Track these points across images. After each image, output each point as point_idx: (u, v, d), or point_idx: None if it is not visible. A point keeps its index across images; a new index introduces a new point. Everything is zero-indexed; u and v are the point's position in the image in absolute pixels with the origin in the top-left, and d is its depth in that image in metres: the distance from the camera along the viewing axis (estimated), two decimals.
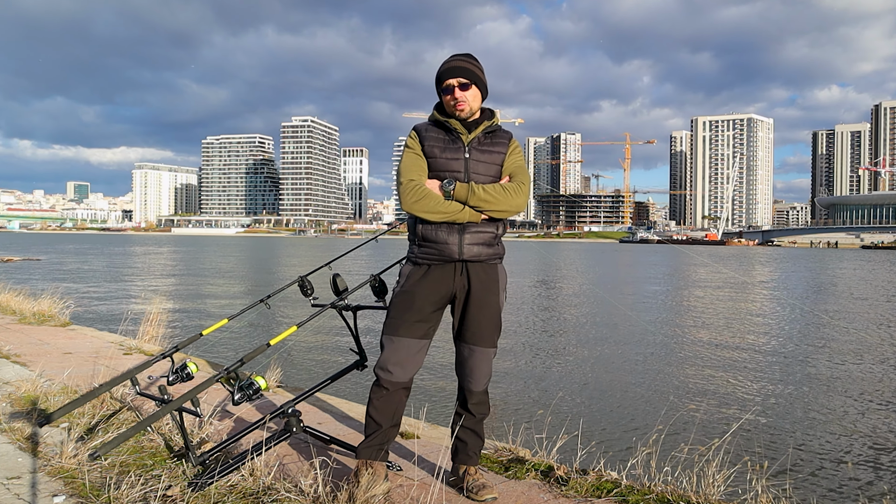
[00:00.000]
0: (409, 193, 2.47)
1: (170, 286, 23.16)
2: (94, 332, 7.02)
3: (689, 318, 16.83)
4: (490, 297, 2.57)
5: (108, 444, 2.53)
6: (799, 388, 8.73)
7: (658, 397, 7.95)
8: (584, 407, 7.41)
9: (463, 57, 2.56)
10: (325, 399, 4.29)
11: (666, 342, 12.49)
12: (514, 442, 3.24)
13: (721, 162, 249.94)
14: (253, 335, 11.68)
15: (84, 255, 48.34)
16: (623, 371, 9.61)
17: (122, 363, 5.12)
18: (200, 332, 3.59)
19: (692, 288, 27.05)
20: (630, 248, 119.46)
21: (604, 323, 15.27)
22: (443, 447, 2.91)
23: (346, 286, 3.03)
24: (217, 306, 17.19)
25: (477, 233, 2.52)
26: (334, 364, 9.13)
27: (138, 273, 30.07)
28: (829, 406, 7.81)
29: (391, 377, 2.52)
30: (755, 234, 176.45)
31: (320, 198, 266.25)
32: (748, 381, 9.11)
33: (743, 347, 12.03)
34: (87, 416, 3.49)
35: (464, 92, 2.51)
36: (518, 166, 2.60)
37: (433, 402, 6.30)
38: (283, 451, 3.10)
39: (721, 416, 7.06)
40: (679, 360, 10.61)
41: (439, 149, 2.53)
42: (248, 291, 22.22)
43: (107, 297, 18.67)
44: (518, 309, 17.00)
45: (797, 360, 10.85)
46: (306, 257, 50.87)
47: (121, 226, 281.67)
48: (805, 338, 13.47)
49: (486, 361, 2.59)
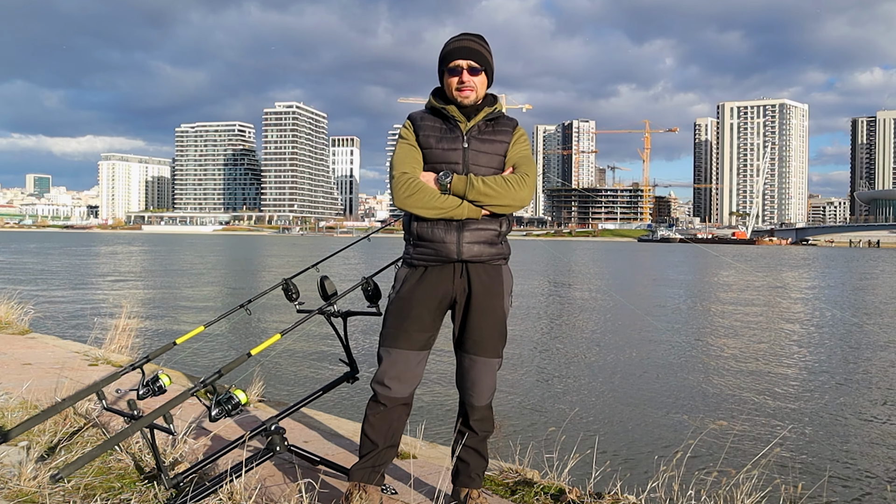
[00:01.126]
0: (402, 188, 2.47)
1: (140, 290, 23.18)
2: (57, 341, 7.02)
3: (714, 325, 16.84)
4: (494, 302, 2.57)
5: (71, 465, 2.53)
6: (840, 406, 8.73)
7: (681, 412, 7.95)
8: (599, 423, 7.41)
9: (474, 37, 2.55)
10: (313, 415, 4.29)
11: (689, 351, 12.49)
12: (521, 462, 3.24)
13: (751, 152, 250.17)
14: (232, 344, 11.68)
15: (45, 255, 48.34)
16: (642, 383, 9.61)
17: (88, 375, 5.12)
18: (174, 341, 3.59)
19: (717, 292, 27.07)
20: (649, 247, 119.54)
21: (620, 330, 15.27)
22: (442, 468, 2.91)
23: (335, 290, 3.03)
24: (192, 312, 17.19)
25: (478, 230, 2.51)
26: (322, 376, 9.14)
27: (105, 276, 30.08)
28: (875, 429, 7.80)
29: (389, 392, 2.52)
30: (788, 232, 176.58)
31: (306, 192, 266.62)
32: (782, 396, 9.11)
33: (776, 359, 12.04)
34: (49, 433, 3.49)
35: (473, 77, 2.51)
36: (523, 156, 2.60)
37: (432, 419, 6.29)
38: (265, 472, 3.10)
39: (752, 434, 7.06)
40: (704, 371, 10.61)
41: (435, 139, 2.53)
42: (227, 296, 22.23)
43: (71, 302, 18.67)
44: (525, 314, 17.01)
45: (839, 375, 10.85)
46: (291, 258, 50.87)
47: (86, 223, 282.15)
48: (849, 351, 13.47)
49: (489, 373, 2.59)
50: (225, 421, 3.70)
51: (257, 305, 3.64)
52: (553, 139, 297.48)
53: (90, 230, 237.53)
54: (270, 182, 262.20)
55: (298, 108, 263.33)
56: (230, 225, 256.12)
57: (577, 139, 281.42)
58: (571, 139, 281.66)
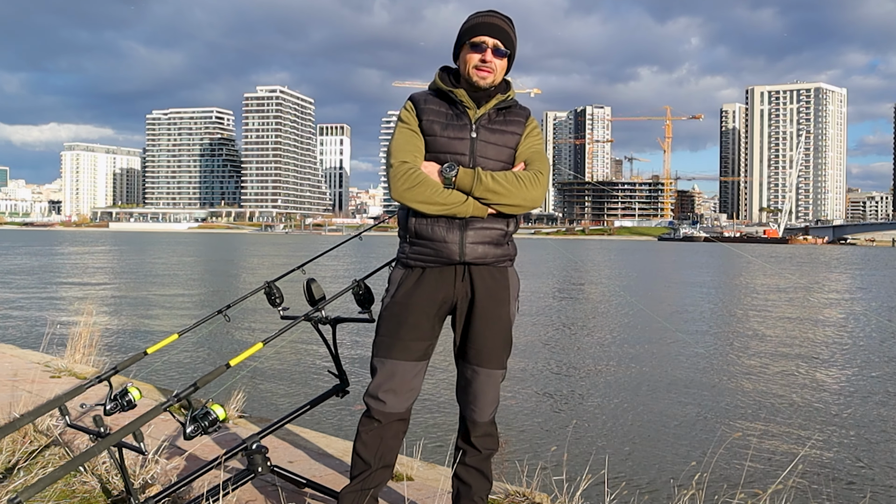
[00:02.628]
0: (401, 179, 2.45)
1: (107, 294, 23.19)
2: (14, 350, 7.03)
3: (738, 333, 16.85)
4: (499, 309, 2.56)
5: (31, 488, 2.53)
6: (878, 422, 8.75)
7: (702, 428, 7.97)
8: (613, 441, 7.43)
9: (505, 18, 2.54)
10: (298, 432, 4.29)
11: (711, 361, 12.50)
12: (528, 485, 3.25)
13: (783, 142, 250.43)
14: (209, 354, 11.69)
15: (1, 255, 48.36)
16: (659, 397, 9.63)
17: (49, 388, 5.13)
18: (145, 351, 3.59)
19: (744, 297, 27.09)
20: (671, 247, 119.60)
21: (635, 338, 15.29)
22: (442, 492, 2.92)
23: (322, 294, 3.03)
24: (165, 319, 17.20)
25: (483, 229, 2.50)
26: (309, 389, 9.14)
27: (68, 278, 30.10)
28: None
29: (384, 407, 2.52)
30: (824, 229, 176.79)
31: (291, 186, 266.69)
32: (812, 411, 9.13)
33: (806, 370, 12.05)
34: (6, 452, 3.49)
35: (496, 58, 2.49)
36: (536, 151, 2.59)
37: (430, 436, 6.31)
38: (245, 495, 3.11)
39: (779, 451, 7.07)
40: (727, 383, 10.63)
41: (440, 125, 2.51)
42: (204, 300, 22.25)
43: (29, 306, 18.69)
44: (533, 321, 17.03)
45: (877, 388, 10.87)
46: (274, 258, 50.90)
47: (47, 220, 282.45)
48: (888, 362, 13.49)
49: (492, 386, 2.59)
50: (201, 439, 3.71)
51: (237, 311, 3.65)
52: (564, 127, 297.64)
53: (52, 228, 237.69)
54: (251, 175, 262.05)
55: (283, 92, 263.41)
56: (207, 222, 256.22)
57: (590, 127, 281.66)
58: (585, 127, 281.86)
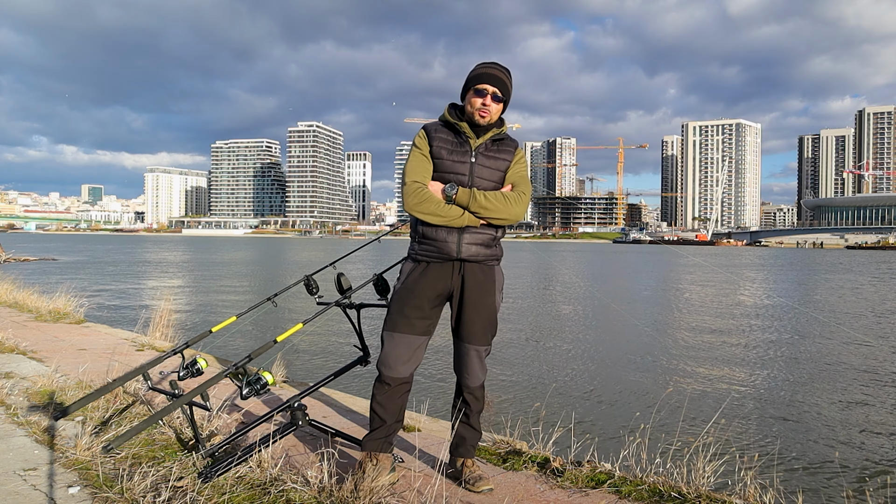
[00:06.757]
0: (412, 195, 2.48)
1: (180, 285, 23.16)
2: (108, 329, 7.03)
3: (678, 313, 16.81)
4: (486, 298, 2.57)
5: (121, 437, 2.53)
6: (787, 379, 8.73)
7: (649, 390, 7.94)
8: (579, 400, 7.41)
9: (503, 69, 2.55)
10: (330, 394, 4.29)
11: (656, 337, 12.47)
12: (511, 435, 3.24)
13: (710, 165, 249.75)
14: (260, 332, 11.67)
15: (98, 254, 48.31)
16: (615, 365, 9.61)
17: (135, 359, 5.13)
18: (210, 329, 3.59)
19: (680, 284, 27.04)
20: (623, 248, 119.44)
21: (597, 319, 15.26)
22: (444, 440, 2.92)
23: (349, 285, 3.03)
24: (226, 304, 17.18)
25: (476, 233, 2.53)
26: (338, 360, 9.13)
27: (150, 272, 30.05)
28: (817, 397, 7.80)
29: (392, 373, 2.52)
30: (743, 234, 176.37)
31: (325, 200, 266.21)
32: (736, 371, 9.10)
33: (730, 340, 12.02)
34: (101, 409, 3.49)
35: (494, 103, 2.51)
36: (521, 176, 2.61)
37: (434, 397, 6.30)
38: (289, 443, 3.10)
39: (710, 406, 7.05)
40: (668, 354, 10.60)
41: (447, 150, 2.53)
42: (256, 290, 22.21)
43: (120, 295, 18.66)
44: (515, 305, 16.99)
45: (784, 352, 10.85)
46: (311, 257, 50.85)
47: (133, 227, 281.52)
48: (792, 330, 13.47)
49: (479, 359, 2.61)
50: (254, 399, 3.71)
51: (282, 298, 3.64)
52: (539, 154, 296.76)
53: (137, 233, 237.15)
54: (294, 191, 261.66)
55: (318, 127, 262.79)
56: (258, 228, 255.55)
57: (560, 154, 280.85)
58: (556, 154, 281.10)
